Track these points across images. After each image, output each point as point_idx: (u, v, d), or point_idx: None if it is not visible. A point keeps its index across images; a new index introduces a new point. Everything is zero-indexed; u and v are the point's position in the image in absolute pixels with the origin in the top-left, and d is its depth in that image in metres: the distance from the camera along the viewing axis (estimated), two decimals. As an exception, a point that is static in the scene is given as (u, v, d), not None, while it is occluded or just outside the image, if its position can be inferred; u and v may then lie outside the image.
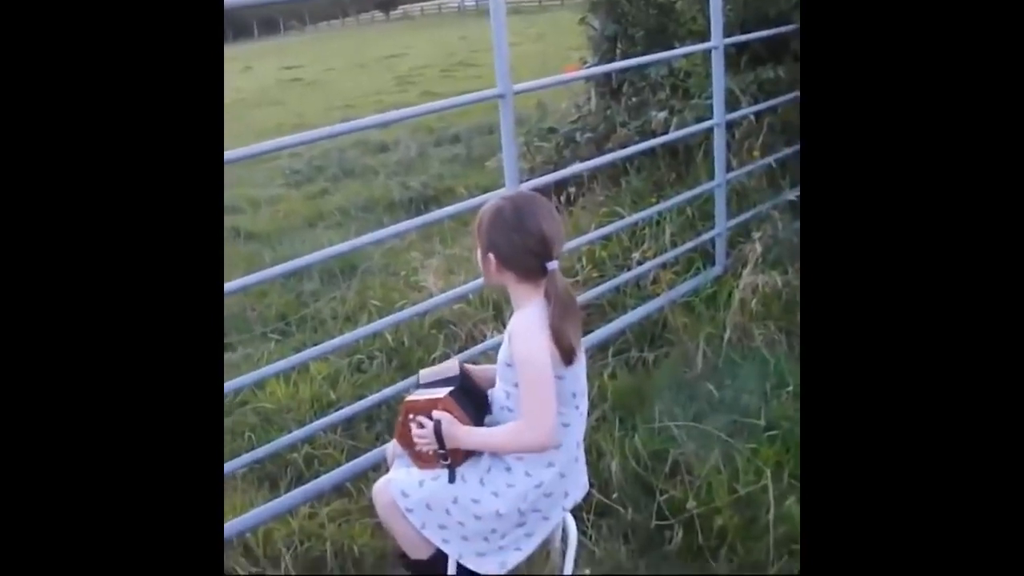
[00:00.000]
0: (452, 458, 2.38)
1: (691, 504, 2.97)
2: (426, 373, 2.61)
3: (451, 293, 3.74)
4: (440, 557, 2.47)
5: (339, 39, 42.51)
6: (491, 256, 2.33)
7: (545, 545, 2.64)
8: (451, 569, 2.45)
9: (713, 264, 4.69)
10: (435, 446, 2.36)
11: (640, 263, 4.60)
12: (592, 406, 3.54)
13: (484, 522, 2.37)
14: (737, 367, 3.85)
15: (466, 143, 9.97)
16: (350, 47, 28.48)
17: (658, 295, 4.44)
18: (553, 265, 2.26)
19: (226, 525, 2.92)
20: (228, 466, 3.11)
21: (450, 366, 2.58)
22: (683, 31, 5.98)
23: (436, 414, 2.36)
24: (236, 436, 3.77)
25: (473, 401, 2.47)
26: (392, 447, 2.67)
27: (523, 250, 2.27)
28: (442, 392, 2.41)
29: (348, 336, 3.44)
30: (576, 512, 2.90)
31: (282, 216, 7.93)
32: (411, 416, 2.42)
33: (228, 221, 7.89)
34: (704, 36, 5.05)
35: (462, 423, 2.36)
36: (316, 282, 5.60)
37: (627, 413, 3.55)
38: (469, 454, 2.40)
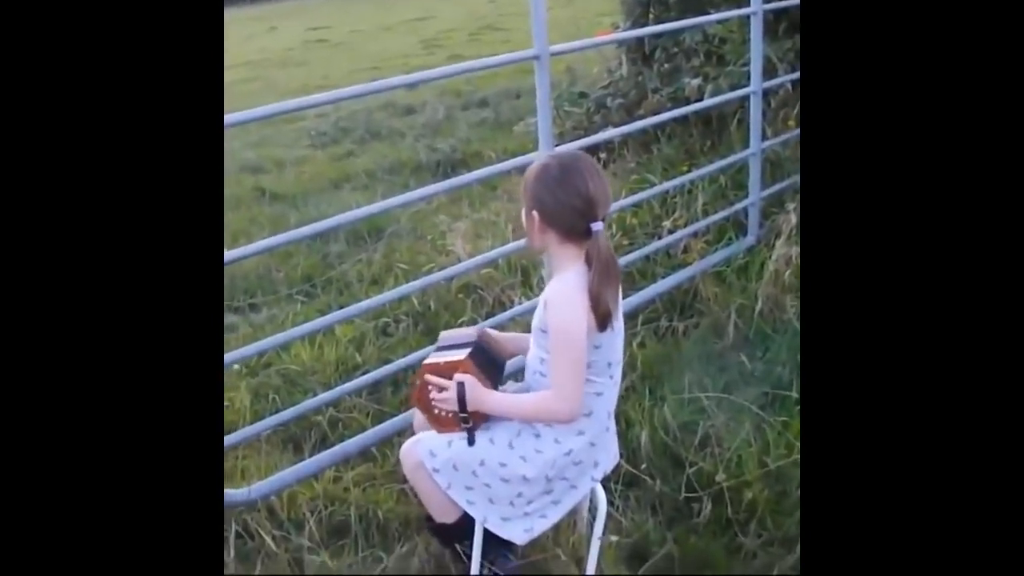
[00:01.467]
0: (472, 420, 2.35)
1: (720, 477, 2.93)
2: (445, 335, 2.59)
3: (479, 258, 3.69)
4: (466, 522, 2.46)
5: (365, 1, 42.34)
6: (535, 214, 2.28)
7: (572, 514, 2.61)
8: (477, 534, 2.44)
9: (746, 234, 4.63)
10: (456, 409, 2.33)
11: (671, 232, 4.55)
12: (623, 375, 3.52)
13: (511, 485, 2.35)
14: (768, 339, 3.79)
15: (494, 107, 9.87)
16: (376, 9, 28.28)
17: (689, 264, 4.39)
18: (598, 226, 2.22)
19: (250, 488, 2.92)
20: (252, 428, 3.10)
21: (469, 331, 2.55)
22: (717, -5, 5.88)
23: (459, 376, 2.33)
24: (260, 398, 3.74)
25: (492, 364, 2.44)
26: (419, 414, 2.64)
27: (567, 208, 2.23)
28: (462, 354, 2.38)
29: (375, 299, 3.40)
30: (605, 482, 2.87)
31: (307, 177, 7.87)
32: (429, 377, 2.39)
33: (253, 181, 7.88)
34: (741, 2, 4.95)
35: (484, 384, 2.35)
36: (342, 244, 5.56)
37: (656, 383, 3.51)
38: (488, 416, 2.38)
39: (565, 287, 2.25)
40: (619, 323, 2.35)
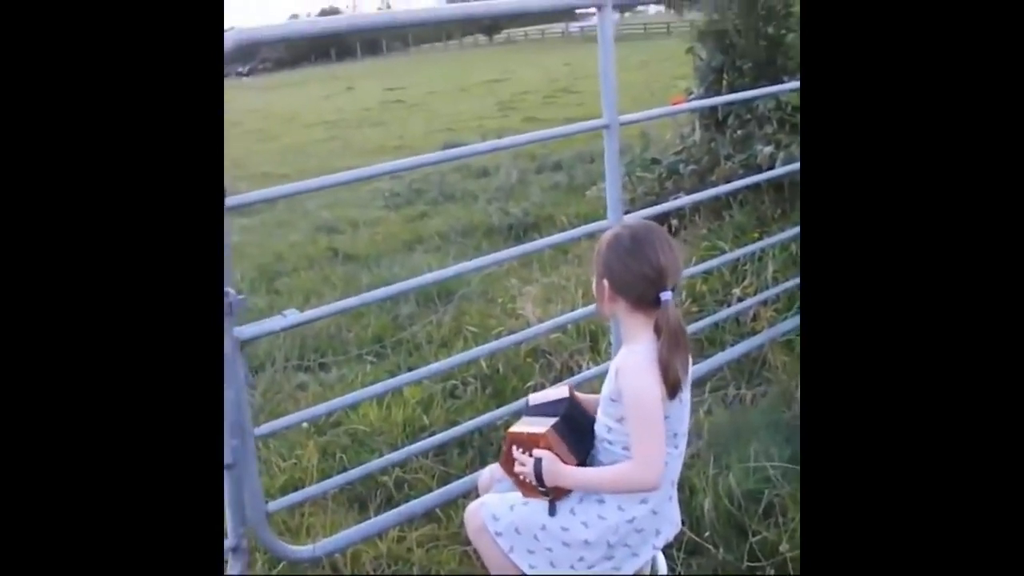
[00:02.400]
0: (553, 495, 2.36)
1: (784, 547, 2.89)
2: (535, 397, 2.60)
3: (549, 322, 3.72)
4: (527, 585, 2.45)
5: (442, 62, 43.01)
6: (605, 282, 2.31)
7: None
8: (537, 598, 2.43)
9: (815, 303, 4.58)
10: (535, 483, 2.34)
11: (740, 299, 4.53)
12: (687, 442, 3.50)
13: (572, 550, 2.35)
14: (837, 410, 3.74)
15: (567, 171, 9.96)
16: (453, 70, 28.81)
17: (758, 332, 4.36)
18: (667, 296, 2.24)
19: (315, 545, 2.94)
20: (319, 487, 3.14)
21: (559, 391, 2.56)
22: (792, 64, 5.89)
23: (537, 452, 2.34)
24: (328, 456, 3.79)
25: (579, 430, 2.43)
26: (487, 473, 2.68)
27: (638, 277, 2.25)
28: (544, 427, 2.38)
29: (444, 363, 3.43)
30: (667, 549, 2.85)
31: (380, 238, 8.00)
32: (515, 447, 2.41)
33: (327, 241, 8.03)
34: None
35: (564, 459, 2.34)
36: (412, 306, 5.61)
37: (722, 451, 3.48)
38: (569, 490, 2.38)
39: (637, 356, 2.26)
40: (686, 393, 2.36)
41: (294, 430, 3.97)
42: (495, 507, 2.45)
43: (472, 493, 2.84)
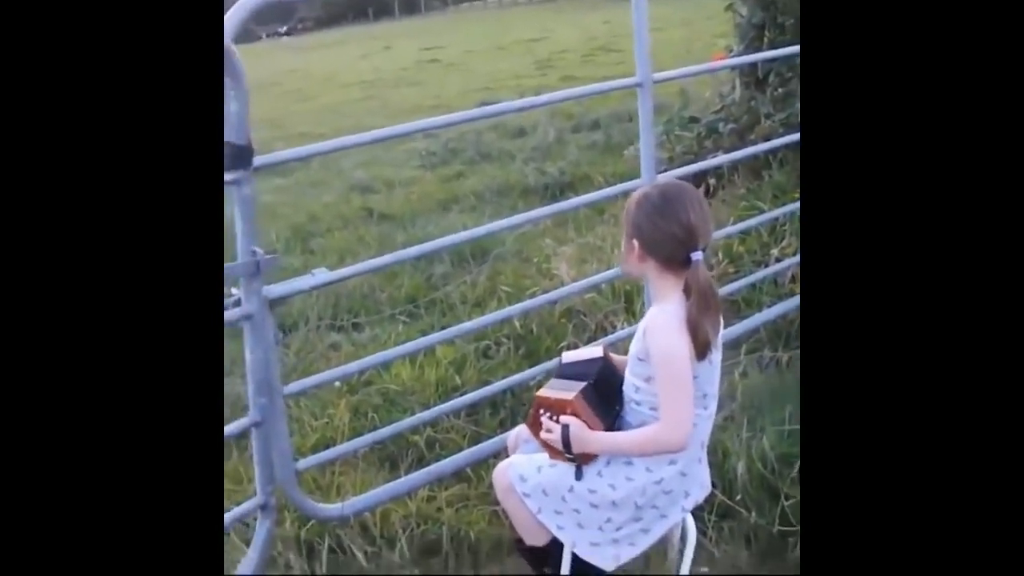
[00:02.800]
0: (580, 460, 2.35)
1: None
2: (569, 356, 2.59)
3: (583, 282, 3.69)
4: (555, 547, 2.46)
5: (480, 21, 42.72)
6: (635, 242, 2.30)
7: (663, 544, 2.59)
8: (565, 559, 2.44)
9: (854, 263, 4.51)
10: (562, 449, 2.33)
11: (779, 260, 4.48)
12: (721, 405, 3.45)
13: (600, 511, 2.35)
14: (874, 371, 3.69)
15: (605, 130, 9.85)
16: (491, 29, 28.61)
17: (795, 294, 4.30)
18: (697, 255, 2.22)
19: (345, 503, 2.94)
20: (349, 445, 3.15)
21: (594, 351, 2.54)
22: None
23: (564, 419, 2.33)
24: (360, 415, 3.79)
25: (609, 394, 2.42)
26: (515, 434, 2.67)
27: (667, 237, 2.23)
28: (572, 392, 2.35)
29: (477, 321, 3.42)
30: (698, 512, 2.83)
31: (416, 198, 7.96)
32: (542, 410, 2.39)
33: (362, 200, 8.01)
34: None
35: (592, 424, 2.32)
36: (447, 265, 5.59)
37: (756, 414, 3.44)
38: (596, 455, 2.36)
39: (666, 316, 2.25)
40: (717, 355, 2.34)
41: (326, 389, 3.98)
42: (523, 468, 2.45)
43: (503, 453, 2.83)
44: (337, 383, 4.00)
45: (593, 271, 4.72)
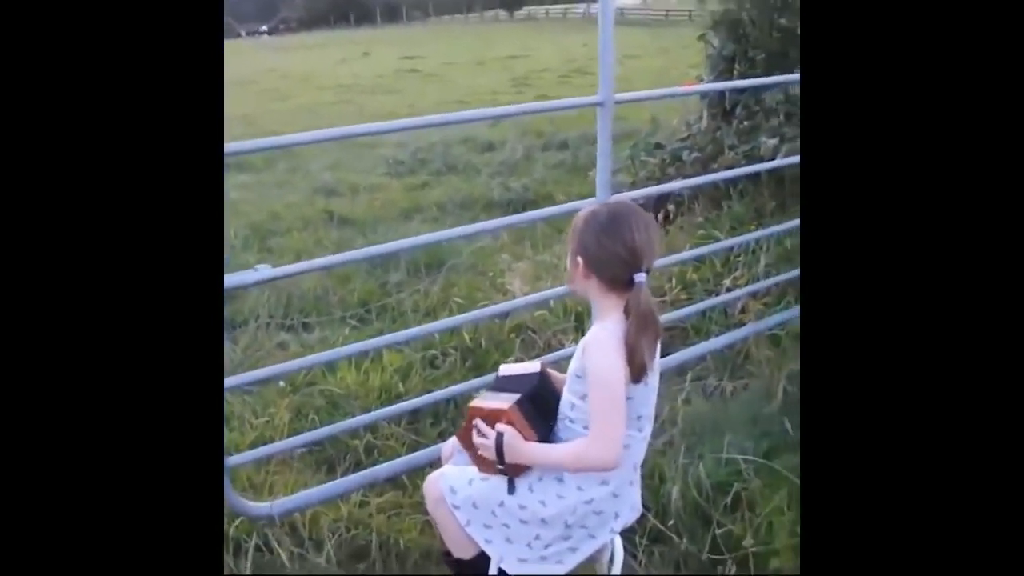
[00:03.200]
0: (511, 472, 2.34)
1: (748, 541, 2.87)
2: (505, 369, 2.57)
3: (532, 297, 3.70)
4: (482, 560, 2.44)
5: (461, 35, 42.87)
6: (579, 259, 2.28)
7: (592, 564, 2.58)
8: (492, 573, 2.42)
9: (805, 299, 4.54)
10: (495, 458, 2.32)
11: (730, 290, 4.50)
12: (661, 430, 3.48)
13: (529, 527, 2.34)
14: (817, 408, 3.71)
15: (573, 150, 9.90)
16: (471, 44, 28.69)
17: (745, 324, 4.33)
18: (640, 277, 2.20)
19: (275, 503, 2.92)
20: (284, 443, 3.12)
21: (531, 366, 2.53)
22: (802, 56, 5.82)
23: (499, 427, 2.31)
24: (301, 417, 3.77)
25: (544, 409, 2.40)
26: (450, 444, 2.65)
27: (612, 256, 2.22)
28: (508, 402, 2.34)
29: (423, 328, 3.41)
30: (630, 536, 2.84)
31: (379, 205, 7.97)
32: (475, 421, 2.38)
33: (325, 204, 8.00)
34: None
35: (526, 435, 2.31)
36: (402, 273, 5.59)
37: (696, 441, 3.45)
38: (529, 467, 2.35)
39: (605, 335, 2.23)
40: (654, 378, 2.33)
41: (270, 388, 3.96)
42: (454, 480, 2.43)
43: (437, 463, 2.81)
44: (281, 383, 3.98)
45: (547, 288, 4.73)
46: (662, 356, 3.84)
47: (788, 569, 2.78)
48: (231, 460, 2.88)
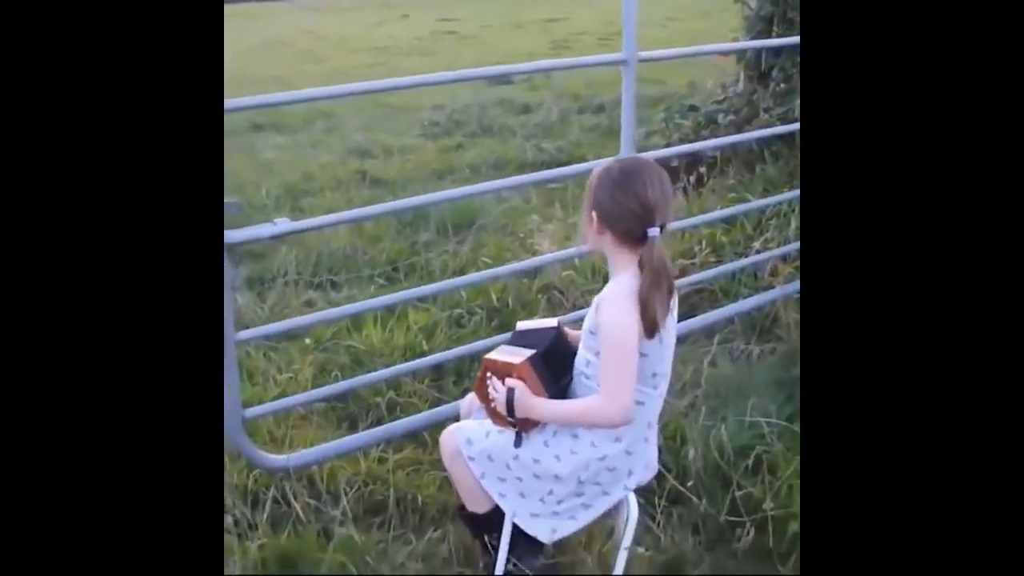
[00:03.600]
0: (521, 426, 2.35)
1: (768, 504, 2.85)
2: (523, 325, 2.59)
3: (558, 254, 3.69)
4: (496, 515, 2.47)
5: (501, -3, 42.65)
6: (594, 214, 2.29)
7: (610, 521, 2.58)
8: (505, 527, 2.46)
9: (837, 262, 4.49)
10: (505, 412, 2.32)
11: (760, 252, 4.45)
12: (685, 391, 3.45)
13: (542, 482, 2.36)
14: (844, 372, 3.67)
15: (609, 113, 9.79)
16: (510, 6, 28.35)
17: (774, 288, 4.28)
18: (653, 232, 2.21)
19: (292, 455, 2.94)
20: (301, 397, 3.14)
21: (549, 322, 2.55)
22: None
23: (510, 382, 2.33)
24: (325, 373, 3.78)
25: (558, 365, 2.42)
26: (468, 400, 2.67)
27: (624, 210, 2.23)
28: (521, 357, 2.36)
29: (449, 282, 3.40)
30: (648, 496, 2.83)
31: (412, 166, 7.94)
32: (489, 374, 2.38)
33: (357, 164, 7.99)
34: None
35: (537, 391, 2.33)
36: (432, 233, 5.57)
37: (720, 403, 3.43)
38: (539, 422, 2.36)
39: (619, 290, 2.24)
40: (670, 335, 2.33)
41: (295, 344, 3.97)
42: (471, 432, 2.47)
43: (454, 420, 2.82)
44: (307, 340, 4.00)
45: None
46: (690, 318, 3.84)
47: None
48: (249, 412, 2.90)
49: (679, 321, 3.87)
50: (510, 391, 2.31)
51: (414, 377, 3.59)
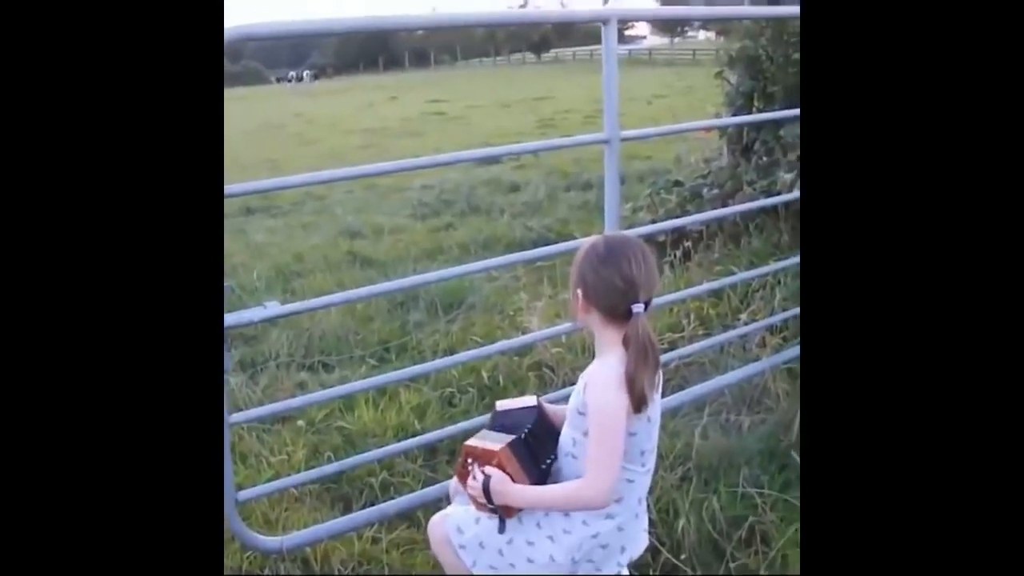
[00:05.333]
0: (503, 512, 2.33)
1: (763, 574, 2.85)
2: (502, 404, 2.57)
3: (544, 332, 3.72)
4: (489, 600, 2.43)
5: (488, 77, 43.16)
6: (579, 292, 2.29)
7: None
8: (500, 611, 2.41)
9: (823, 333, 4.53)
10: (483, 499, 2.32)
11: (747, 324, 4.49)
12: (677, 464, 3.46)
13: (535, 567, 2.32)
14: (834, 441, 3.69)
15: (597, 190, 9.91)
16: (497, 86, 28.89)
17: (762, 359, 4.32)
18: (638, 308, 2.21)
19: (286, 537, 2.94)
20: (294, 479, 3.14)
21: (528, 400, 2.53)
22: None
23: (487, 469, 2.31)
24: (318, 454, 3.79)
25: (539, 446, 2.39)
26: (455, 483, 2.65)
27: (609, 287, 2.23)
28: (500, 444, 2.33)
29: (441, 361, 3.42)
30: (643, 570, 2.83)
31: (402, 246, 8.02)
32: (470, 460, 2.38)
33: (348, 245, 8.06)
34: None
35: (518, 476, 2.30)
36: (423, 313, 5.61)
37: (712, 475, 3.44)
38: (519, 508, 2.34)
39: (606, 369, 2.24)
40: (656, 411, 2.33)
41: (288, 427, 3.99)
42: (460, 519, 2.44)
43: (445, 500, 2.82)
44: (300, 422, 4.01)
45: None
46: (680, 391, 3.86)
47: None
48: (243, 494, 2.90)
49: (670, 394, 3.92)
50: (486, 479, 2.29)
51: (406, 457, 3.60)
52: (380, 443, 3.84)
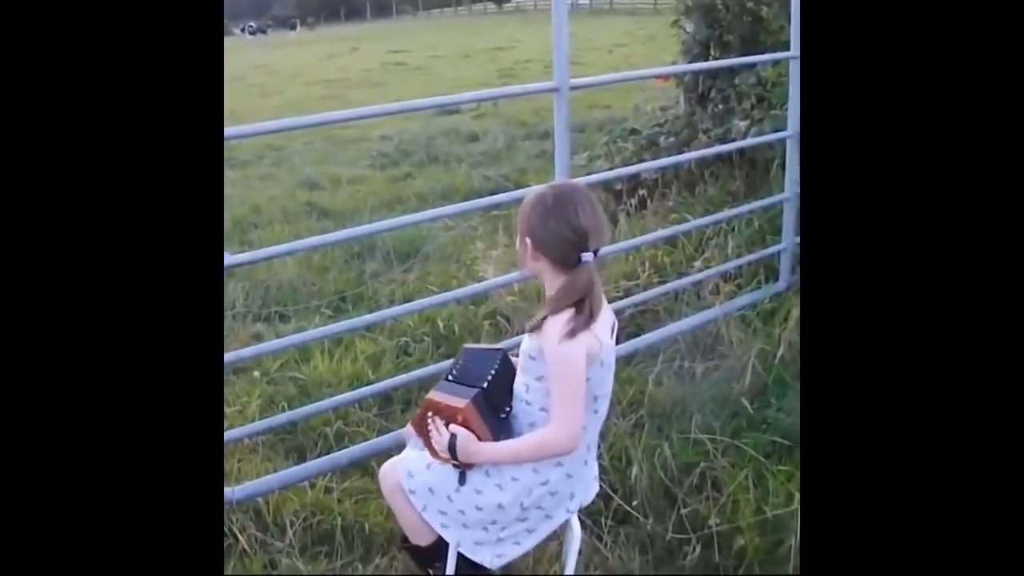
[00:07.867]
0: (466, 466, 2.34)
1: (713, 520, 2.89)
2: (470, 348, 2.56)
3: (499, 280, 3.72)
4: (440, 546, 2.46)
5: (449, 28, 42.79)
6: (528, 241, 2.28)
7: (557, 541, 2.60)
8: (450, 557, 2.44)
9: (776, 280, 4.57)
10: (448, 456, 2.32)
11: (701, 271, 4.52)
12: (630, 411, 3.49)
13: (485, 513, 2.34)
14: (786, 387, 3.73)
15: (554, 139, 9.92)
16: (459, 36, 28.64)
17: (715, 306, 4.34)
18: (587, 257, 2.21)
19: (238, 488, 2.94)
20: (249, 427, 3.14)
21: (494, 349, 2.52)
22: (772, 40, 5.84)
23: (453, 428, 2.31)
24: (273, 405, 3.78)
25: (500, 397, 2.39)
26: (409, 428, 2.65)
27: (558, 237, 2.22)
28: (464, 400, 2.32)
29: (395, 309, 3.41)
30: (595, 517, 2.85)
31: (360, 196, 7.98)
32: (431, 414, 2.38)
33: (306, 196, 8.01)
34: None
35: (481, 432, 2.31)
36: (379, 263, 5.60)
37: (664, 422, 3.48)
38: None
39: (561, 317, 2.23)
40: (610, 357, 2.34)
41: (243, 378, 3.98)
42: (411, 465, 2.45)
43: (395, 449, 2.83)
44: (256, 373, 4.01)
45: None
46: (634, 337, 3.88)
47: (752, 547, 2.80)
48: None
49: (624, 341, 3.94)
50: (452, 437, 2.30)
51: (361, 406, 3.60)
52: (335, 393, 3.84)
